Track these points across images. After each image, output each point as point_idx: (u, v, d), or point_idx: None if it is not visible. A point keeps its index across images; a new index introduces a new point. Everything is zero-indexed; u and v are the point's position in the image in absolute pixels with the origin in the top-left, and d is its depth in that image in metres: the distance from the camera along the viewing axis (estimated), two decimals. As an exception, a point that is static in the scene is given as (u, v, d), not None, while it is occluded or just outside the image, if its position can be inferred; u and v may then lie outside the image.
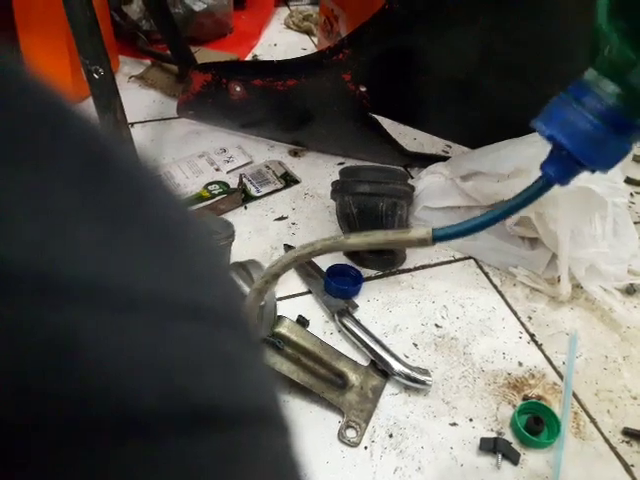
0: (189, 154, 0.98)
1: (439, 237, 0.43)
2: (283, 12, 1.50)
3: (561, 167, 0.41)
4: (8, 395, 0.09)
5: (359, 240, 0.45)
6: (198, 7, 1.26)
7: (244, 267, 0.62)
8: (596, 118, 0.38)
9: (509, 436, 0.63)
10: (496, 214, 0.43)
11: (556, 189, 0.72)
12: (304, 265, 0.80)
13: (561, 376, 0.70)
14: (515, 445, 0.62)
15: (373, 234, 0.44)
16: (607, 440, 0.64)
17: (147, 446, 0.11)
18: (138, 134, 1.02)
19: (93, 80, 0.77)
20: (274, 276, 0.48)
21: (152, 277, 0.12)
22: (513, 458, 0.61)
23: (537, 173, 0.75)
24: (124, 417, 0.10)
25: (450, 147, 1.06)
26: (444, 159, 0.93)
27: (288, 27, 1.44)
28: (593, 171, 0.40)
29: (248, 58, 1.30)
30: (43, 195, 0.11)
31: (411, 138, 1.06)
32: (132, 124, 1.00)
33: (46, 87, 0.12)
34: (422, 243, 0.43)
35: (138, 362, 0.11)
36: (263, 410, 0.15)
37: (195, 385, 0.12)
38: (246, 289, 0.59)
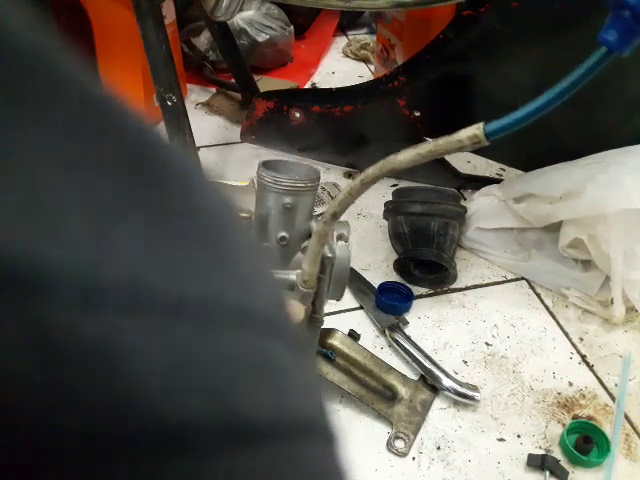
0: (250, 176, 1.04)
1: (493, 131, 0.37)
2: (341, 41, 1.56)
3: (622, 30, 0.35)
4: (44, 404, 0.09)
5: (409, 154, 0.41)
6: (261, 38, 1.34)
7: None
8: None
9: (557, 454, 0.64)
10: (551, 96, 0.37)
11: (609, 210, 0.73)
12: (356, 281, 0.84)
13: (613, 398, 0.70)
14: (563, 463, 0.62)
15: (422, 145, 0.40)
16: (660, 463, 0.64)
17: (185, 461, 0.10)
18: (203, 157, 1.09)
19: (166, 107, 0.84)
20: (332, 216, 0.46)
21: (198, 281, 0.12)
22: (561, 476, 0.61)
23: (588, 195, 0.76)
24: (162, 431, 0.10)
25: (504, 170, 1.07)
26: (497, 182, 0.95)
27: (346, 55, 1.50)
28: None
29: (307, 86, 1.36)
30: (88, 193, 0.10)
31: (464, 161, 1.08)
32: (198, 148, 1.07)
33: (102, 86, 0.12)
34: (474, 141, 0.38)
35: (179, 372, 0.11)
36: (308, 420, 0.14)
37: (238, 397, 0.12)
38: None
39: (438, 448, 0.65)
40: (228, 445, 0.11)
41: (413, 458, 0.64)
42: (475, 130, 0.38)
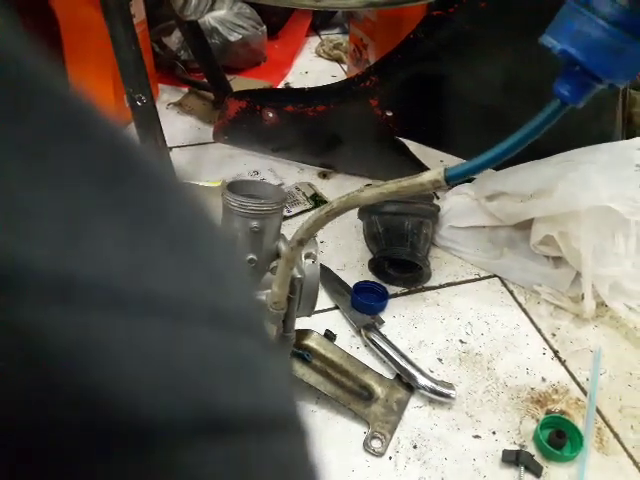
0: (224, 176, 1.03)
1: (453, 176, 0.39)
2: (314, 41, 1.55)
3: (575, 85, 0.36)
4: (29, 402, 0.09)
5: (373, 192, 0.43)
6: (234, 37, 1.33)
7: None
8: (610, 24, 0.34)
9: (532, 449, 0.64)
10: (509, 144, 0.39)
11: (579, 208, 0.74)
12: (332, 282, 0.84)
13: (585, 392, 0.71)
14: (538, 458, 0.63)
15: (385, 185, 0.42)
16: (630, 455, 0.65)
17: (158, 455, 0.11)
18: (176, 157, 1.07)
19: (136, 107, 0.82)
20: (299, 242, 0.47)
21: (173, 281, 0.12)
22: (535, 471, 0.62)
23: (559, 193, 0.77)
24: (135, 425, 0.10)
25: (476, 169, 1.08)
26: (470, 180, 0.96)
27: (319, 55, 1.50)
28: (611, 86, 0.36)
29: (280, 86, 1.36)
30: (66, 195, 0.11)
31: (437, 160, 1.08)
32: (171, 148, 1.05)
33: (72, 89, 0.12)
34: (435, 185, 0.40)
35: (156, 369, 0.11)
36: (279, 416, 0.15)
37: (212, 394, 0.12)
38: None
39: (414, 447, 0.65)
40: (202, 440, 0.11)
41: (390, 458, 0.64)
42: (437, 175, 0.40)
